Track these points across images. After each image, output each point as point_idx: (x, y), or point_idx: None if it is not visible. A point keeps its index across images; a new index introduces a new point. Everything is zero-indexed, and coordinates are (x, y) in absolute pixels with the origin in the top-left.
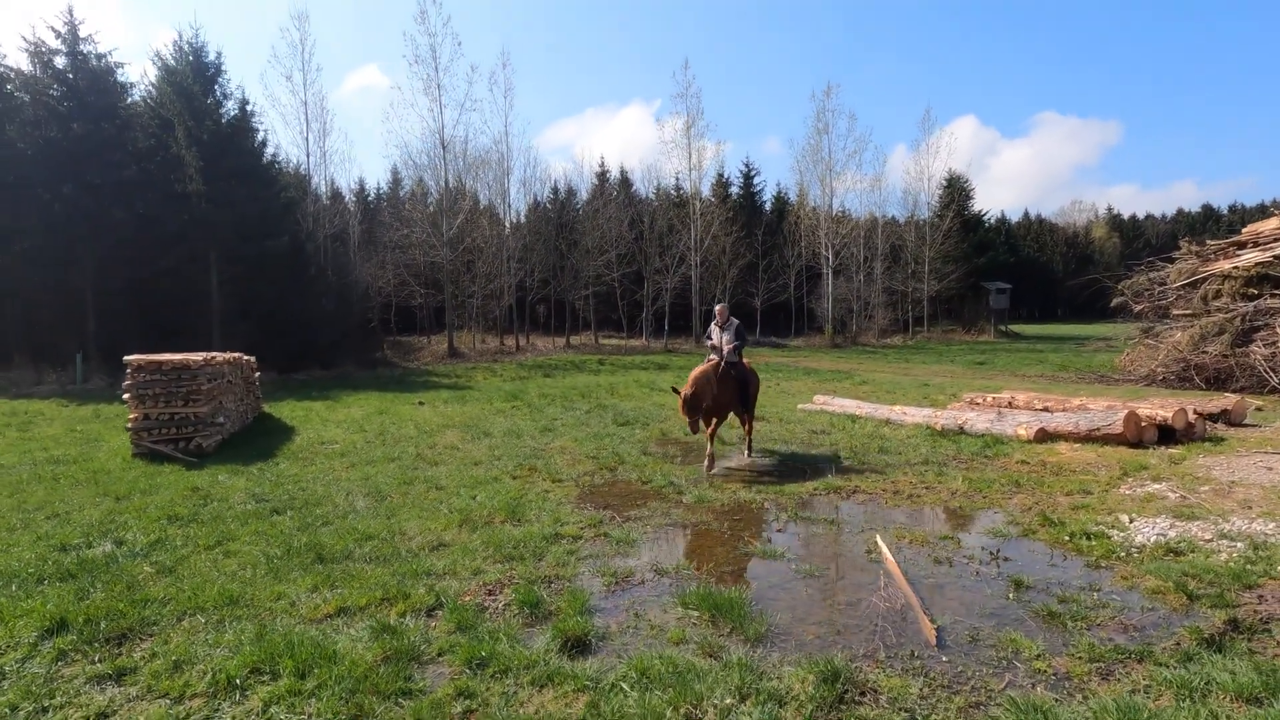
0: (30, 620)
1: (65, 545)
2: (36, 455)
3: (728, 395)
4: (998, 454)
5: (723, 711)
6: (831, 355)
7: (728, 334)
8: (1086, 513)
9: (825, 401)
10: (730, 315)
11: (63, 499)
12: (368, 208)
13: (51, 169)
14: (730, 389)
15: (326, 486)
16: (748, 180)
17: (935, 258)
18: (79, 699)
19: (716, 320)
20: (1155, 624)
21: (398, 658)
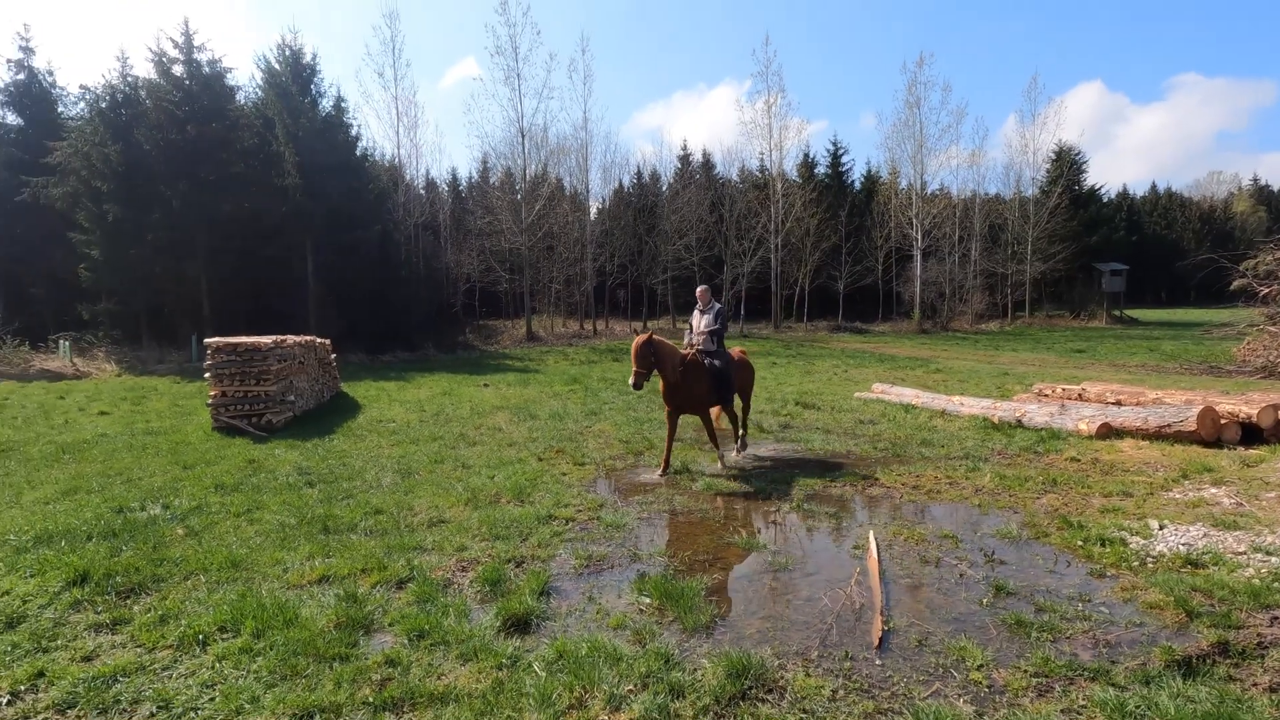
0: (60, 572)
1: (123, 507)
2: (137, 426)
3: (700, 387)
4: (1049, 450)
5: (612, 698)
6: (916, 342)
7: (707, 318)
8: (1115, 516)
9: (884, 390)
10: (713, 298)
11: (141, 466)
12: (459, 196)
13: (171, 167)
14: (702, 380)
15: (365, 462)
16: (835, 159)
17: (1039, 237)
18: (74, 643)
19: (698, 304)
20: (1133, 641)
21: (350, 625)
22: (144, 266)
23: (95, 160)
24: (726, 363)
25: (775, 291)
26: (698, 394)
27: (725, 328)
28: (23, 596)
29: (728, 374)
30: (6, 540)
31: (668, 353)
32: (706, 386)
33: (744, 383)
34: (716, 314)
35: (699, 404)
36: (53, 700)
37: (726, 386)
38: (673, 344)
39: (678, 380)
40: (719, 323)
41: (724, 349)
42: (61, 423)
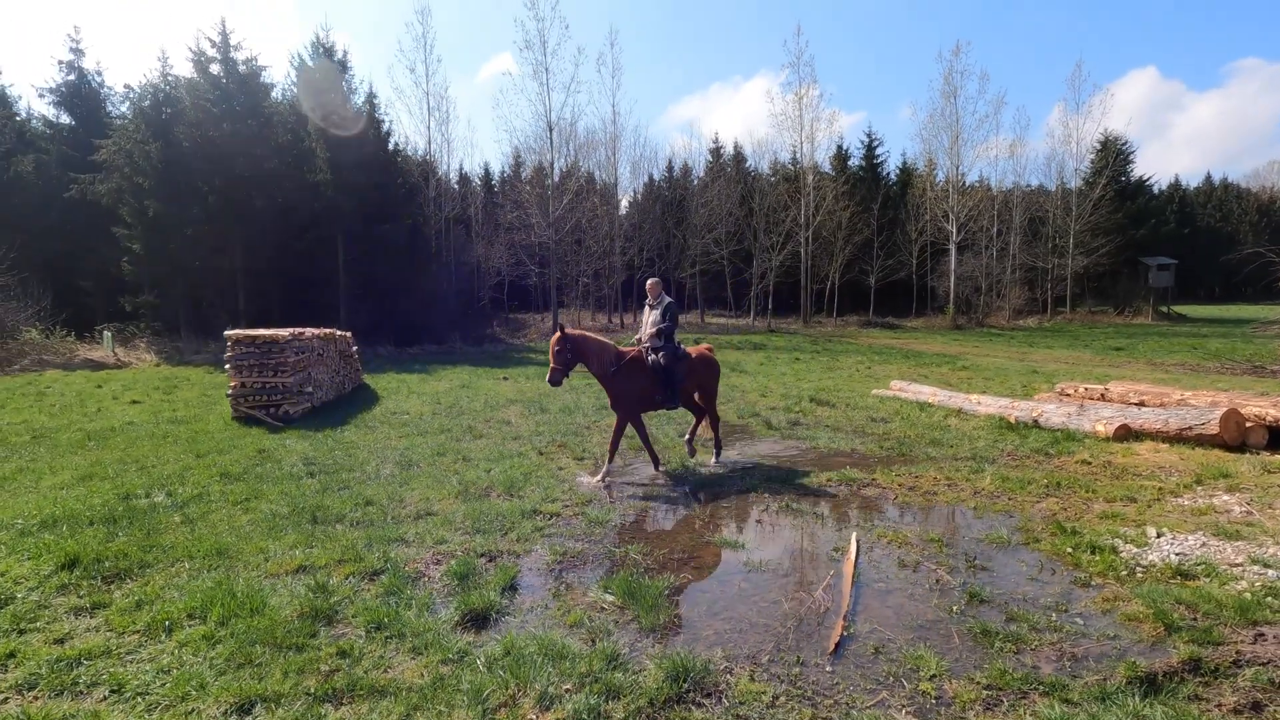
0: (53, 556)
1: (129, 494)
2: (163, 415)
3: (638, 386)
4: (1061, 452)
5: (544, 697)
6: (948, 338)
7: (655, 314)
8: (1113, 523)
9: (901, 388)
10: (663, 292)
11: (157, 455)
12: (490, 190)
13: (207, 164)
14: (641, 379)
15: (370, 454)
16: (869, 151)
17: (1082, 230)
18: (52, 625)
19: (649, 298)
20: (1102, 655)
21: (314, 615)
22: (182, 260)
23: (137, 157)
24: (673, 361)
25: (805, 286)
26: (634, 393)
27: (674, 324)
28: (15, 579)
29: (672, 373)
30: (14, 524)
31: (594, 349)
32: (646, 385)
33: (703, 382)
34: (665, 310)
35: (637, 403)
36: (15, 681)
37: (671, 386)
38: (604, 340)
39: (610, 378)
40: (666, 319)
41: (674, 346)
42: (94, 410)
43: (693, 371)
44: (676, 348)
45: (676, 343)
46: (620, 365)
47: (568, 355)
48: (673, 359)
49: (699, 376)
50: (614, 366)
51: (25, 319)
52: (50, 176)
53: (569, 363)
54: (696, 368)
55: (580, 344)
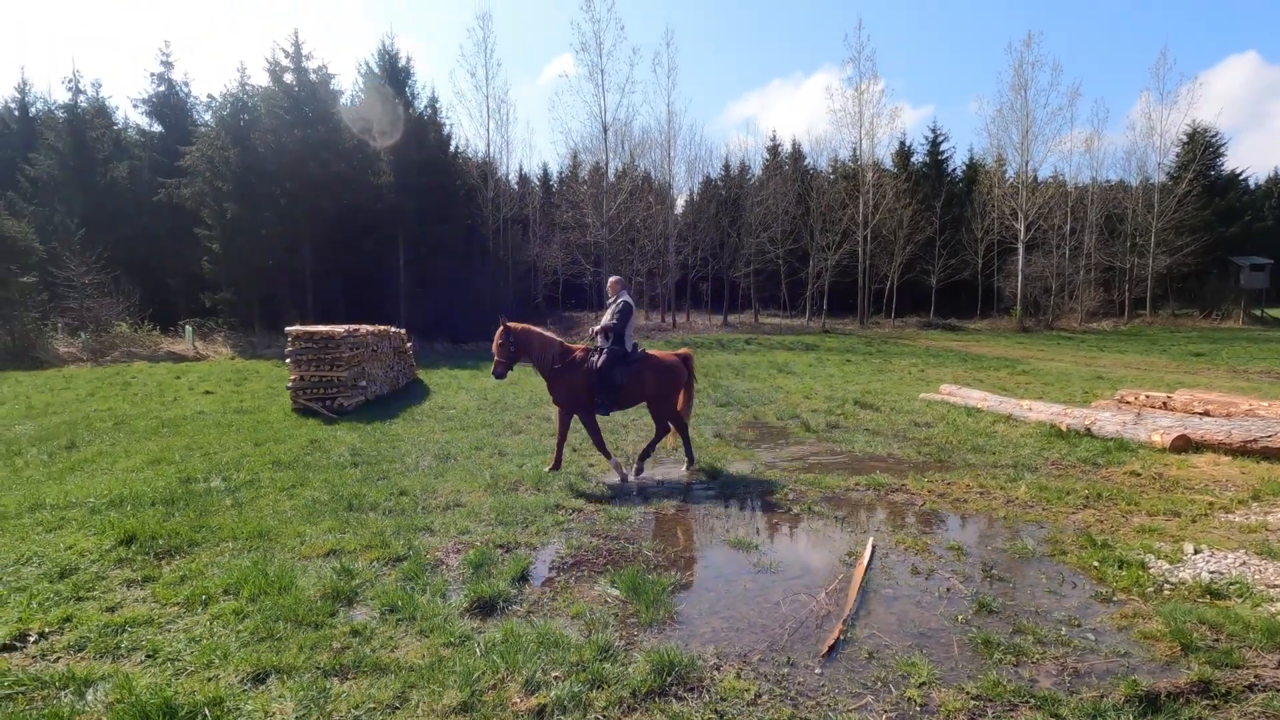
0: (114, 533)
1: (190, 478)
2: (231, 405)
3: (572, 386)
4: (1111, 462)
5: (530, 682)
6: (1012, 341)
7: (607, 313)
8: (1149, 537)
9: (950, 392)
10: (623, 290)
11: (220, 442)
12: (549, 191)
13: (280, 168)
14: (578, 379)
15: (412, 447)
16: (934, 146)
17: (1165, 228)
18: (106, 595)
19: (609, 295)
20: (1107, 672)
21: (335, 596)
22: (257, 259)
23: (217, 163)
24: (612, 363)
25: (862, 286)
26: (573, 391)
27: (623, 324)
28: (80, 551)
29: (608, 375)
30: (87, 502)
31: (537, 344)
32: (580, 386)
33: (660, 389)
34: (616, 309)
35: (574, 403)
36: (68, 642)
37: (609, 390)
38: (549, 336)
39: (550, 374)
40: (616, 319)
41: (619, 348)
42: (171, 400)
43: (639, 376)
44: (622, 349)
45: (633, 345)
46: (563, 363)
47: (510, 349)
48: (612, 361)
49: (647, 382)
50: (556, 363)
51: (117, 314)
52: (141, 181)
53: (512, 356)
54: (644, 373)
55: (523, 338)
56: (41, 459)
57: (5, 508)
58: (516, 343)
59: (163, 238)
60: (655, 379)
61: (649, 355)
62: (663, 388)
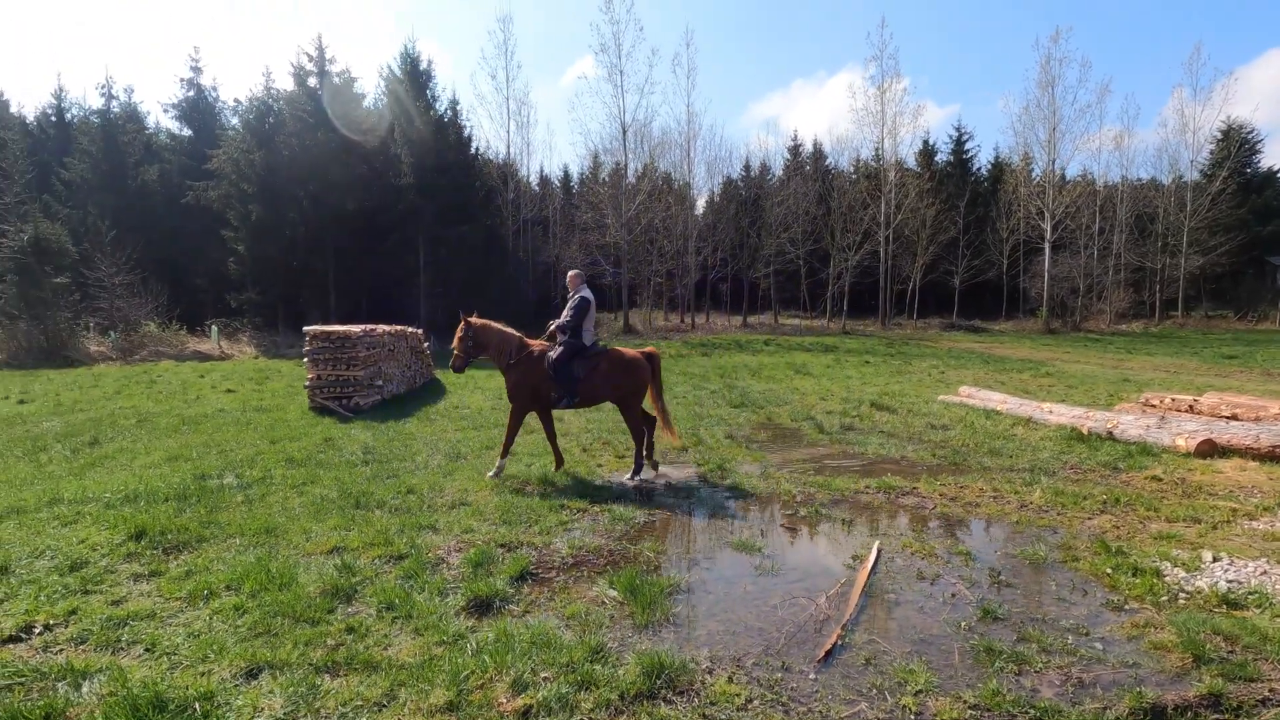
0: (126, 527)
1: (204, 475)
2: (250, 404)
3: (526, 383)
4: (1132, 467)
5: (518, 682)
6: (1037, 343)
7: (566, 309)
8: (1166, 544)
9: (969, 394)
10: (583, 285)
11: (237, 440)
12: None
13: (304, 171)
14: (534, 376)
15: (424, 445)
16: (958, 145)
17: (1198, 227)
18: (113, 589)
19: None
20: (1113, 683)
21: (334, 593)
22: (281, 260)
23: (243, 165)
24: (571, 357)
25: (884, 287)
26: (528, 387)
27: (580, 319)
28: (92, 545)
29: (565, 370)
30: (103, 497)
31: (495, 340)
32: (542, 381)
33: (616, 386)
34: (573, 304)
35: (530, 401)
36: (71, 635)
37: (567, 383)
38: (508, 331)
39: (507, 369)
40: (572, 314)
41: (576, 343)
42: (193, 398)
43: (596, 372)
44: (579, 343)
45: (592, 341)
46: (520, 358)
47: (469, 343)
48: (569, 354)
49: (608, 377)
50: (512, 358)
51: (146, 314)
52: (171, 184)
53: (470, 351)
54: (602, 369)
55: (482, 333)
56: (65, 455)
57: (25, 502)
58: (475, 338)
59: (191, 239)
60: (615, 374)
61: (610, 350)
62: (623, 383)
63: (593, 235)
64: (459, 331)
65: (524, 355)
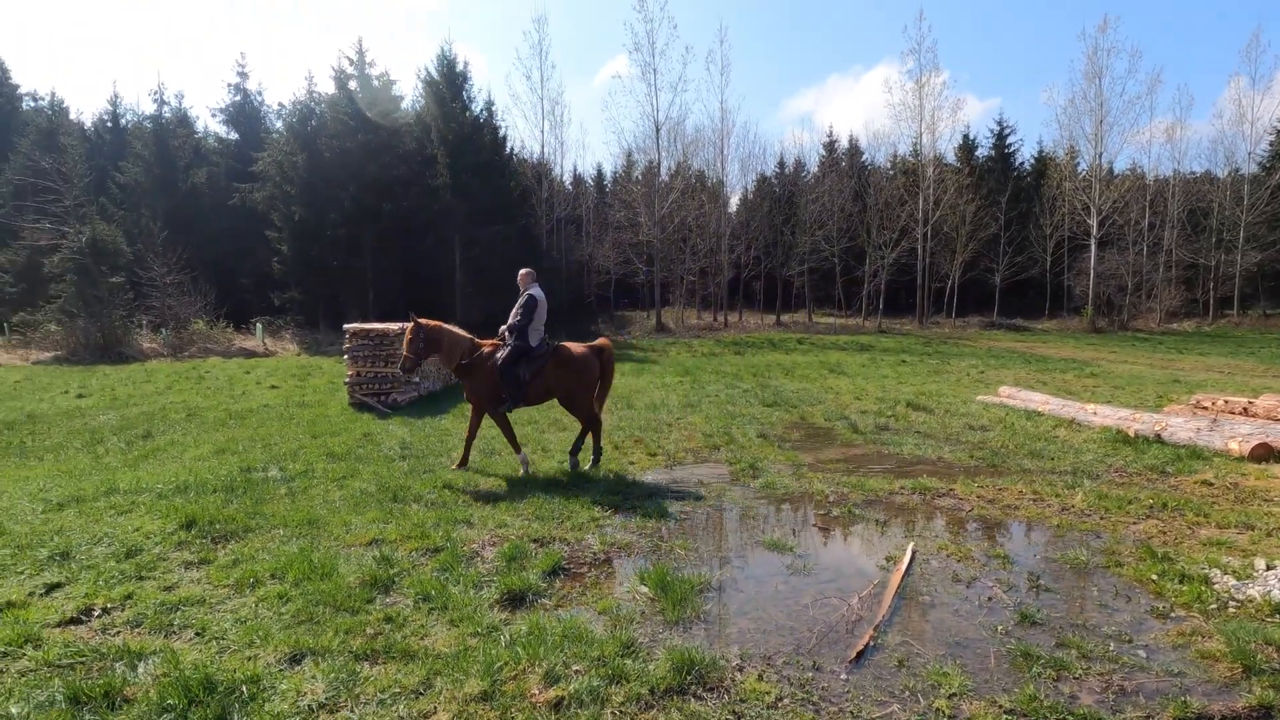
0: (177, 517)
1: (250, 467)
2: (293, 399)
3: (480, 382)
4: (1181, 470)
5: (549, 674)
6: (1082, 342)
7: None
8: (1216, 551)
9: (1009, 394)
10: (533, 284)
11: (281, 434)
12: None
13: (344, 171)
14: (484, 375)
15: (460, 442)
16: (1000, 139)
17: (1256, 222)
18: (165, 575)
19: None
20: (1156, 691)
21: (373, 584)
22: (322, 260)
23: (286, 168)
24: (517, 359)
25: (921, 285)
26: (482, 387)
27: (528, 318)
28: (146, 533)
29: (512, 371)
30: (155, 488)
31: (446, 341)
32: (486, 381)
33: (563, 383)
34: (520, 304)
35: (483, 398)
36: (127, 618)
37: (513, 385)
38: (459, 333)
39: (460, 371)
40: (519, 315)
41: (523, 343)
42: (239, 393)
43: (543, 371)
44: (525, 344)
45: (539, 340)
46: (471, 359)
47: (419, 345)
48: (514, 356)
49: (555, 376)
50: (464, 359)
51: (195, 312)
52: (219, 186)
53: (421, 353)
54: (548, 368)
55: (433, 335)
56: (120, 447)
57: (84, 491)
58: (426, 340)
59: (237, 240)
60: (563, 373)
61: (559, 348)
62: (572, 381)
63: (626, 234)
64: (409, 333)
65: (475, 357)
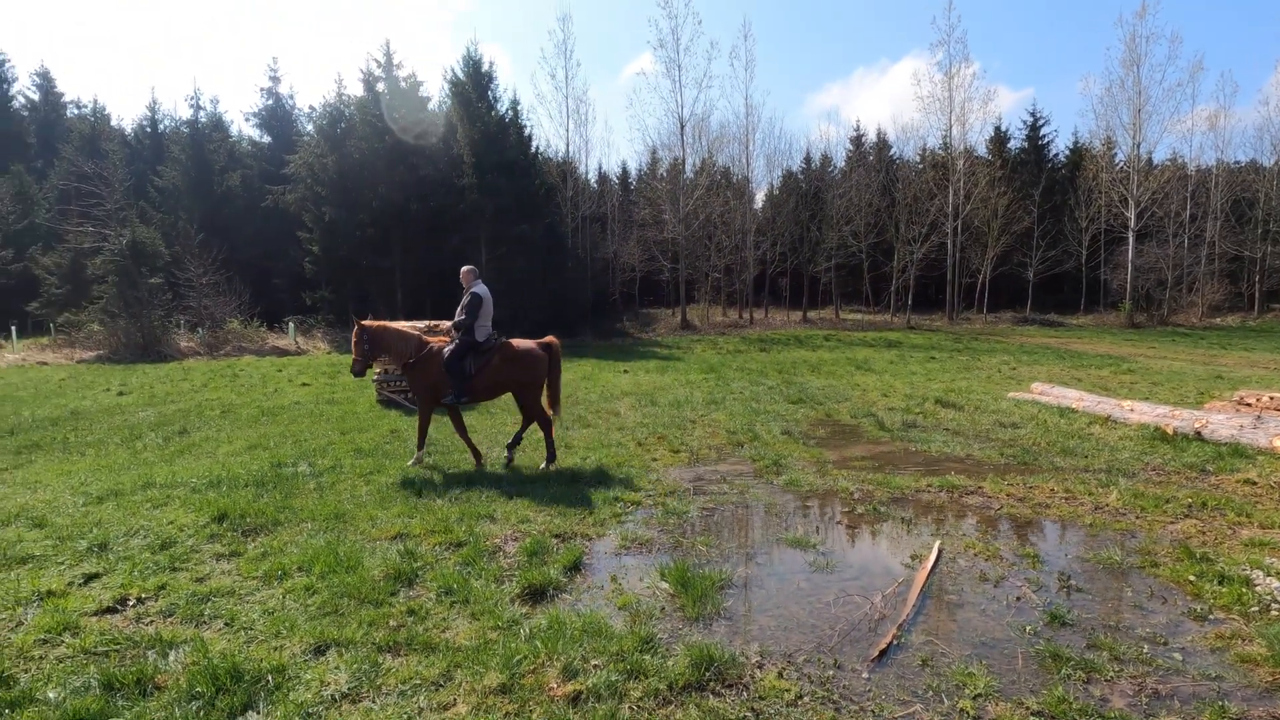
0: (210, 510)
1: (280, 463)
2: (323, 397)
3: (425, 378)
4: (1222, 469)
5: (568, 669)
6: (1119, 337)
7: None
8: (1258, 552)
9: (1042, 391)
10: (476, 282)
11: (311, 431)
12: (627, 189)
13: (373, 172)
14: (432, 371)
15: (483, 438)
16: (1033, 130)
17: None
18: (197, 566)
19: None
20: (1192, 695)
21: (397, 576)
22: (352, 259)
23: (317, 169)
24: (463, 354)
25: (951, 280)
26: (425, 384)
27: (473, 316)
28: (180, 526)
29: (459, 366)
30: (190, 482)
31: (394, 340)
32: (434, 378)
33: (516, 377)
34: (465, 302)
35: (431, 395)
36: (161, 608)
37: (460, 379)
38: (407, 332)
39: (407, 368)
40: (464, 312)
41: (469, 338)
42: (272, 391)
43: (489, 366)
44: (472, 340)
45: (486, 335)
46: (419, 356)
47: (365, 347)
48: (460, 351)
49: (502, 371)
50: (412, 358)
51: (230, 312)
52: (252, 189)
53: (368, 354)
54: (496, 362)
55: (378, 335)
56: (157, 442)
57: (122, 485)
58: (371, 341)
59: (270, 241)
60: (509, 368)
61: (505, 344)
62: (518, 376)
63: (650, 231)
64: (354, 336)
65: (423, 354)
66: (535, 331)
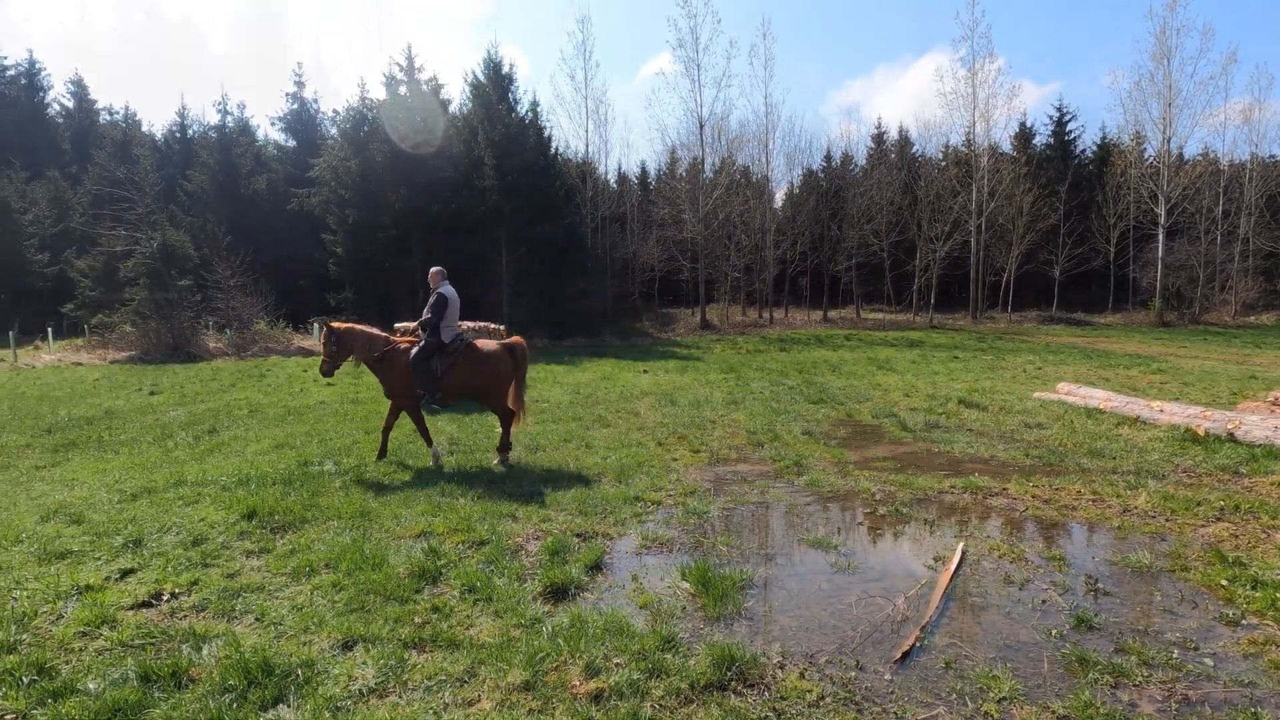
0: (239, 508)
1: (307, 461)
2: (348, 396)
3: (395, 378)
4: (1256, 471)
5: (590, 667)
6: (1149, 336)
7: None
8: None
9: (1068, 391)
10: (443, 283)
11: (336, 430)
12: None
13: (394, 175)
14: (398, 371)
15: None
16: (1060, 126)
17: None
18: (228, 563)
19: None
20: (1223, 702)
21: (421, 574)
22: (374, 261)
23: (340, 173)
24: (429, 355)
25: (974, 278)
26: (393, 384)
27: (438, 316)
28: (211, 523)
29: (425, 367)
30: (220, 480)
31: (361, 341)
32: (401, 377)
33: (481, 379)
34: (431, 302)
35: (398, 395)
36: (194, 602)
37: (426, 380)
38: (373, 332)
39: (374, 367)
40: (430, 312)
41: (435, 339)
42: (298, 391)
43: (455, 366)
44: (437, 341)
45: (452, 336)
46: (383, 355)
47: (333, 347)
48: (426, 353)
49: (467, 372)
50: (379, 357)
51: (257, 313)
52: (278, 192)
53: (335, 355)
54: (461, 363)
55: (345, 336)
56: (188, 441)
57: (155, 483)
58: (339, 341)
59: (295, 243)
60: (474, 369)
61: (470, 345)
62: (483, 377)
63: (670, 231)
64: (323, 337)
65: (388, 351)
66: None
